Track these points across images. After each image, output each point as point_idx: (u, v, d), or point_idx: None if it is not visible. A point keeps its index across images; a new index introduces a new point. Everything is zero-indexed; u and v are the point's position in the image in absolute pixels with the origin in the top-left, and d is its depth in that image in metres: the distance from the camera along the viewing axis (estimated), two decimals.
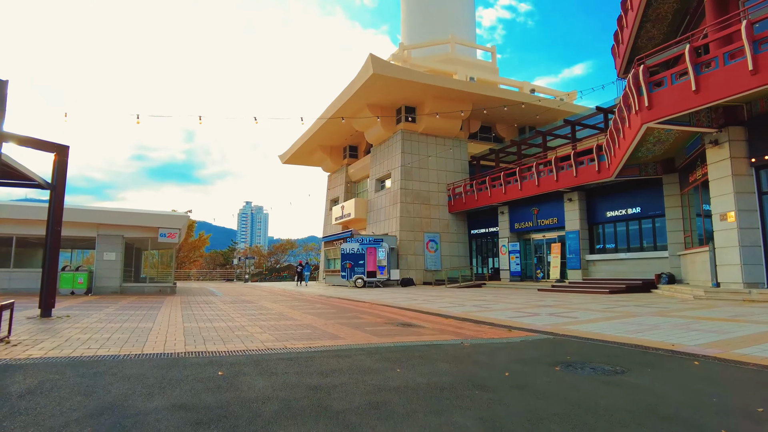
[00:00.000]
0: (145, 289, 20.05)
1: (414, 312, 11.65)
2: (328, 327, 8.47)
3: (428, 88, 28.93)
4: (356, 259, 26.79)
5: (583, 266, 23.31)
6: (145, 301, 15.09)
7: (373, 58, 27.37)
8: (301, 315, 10.86)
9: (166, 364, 5.01)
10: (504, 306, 13.09)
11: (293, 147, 44.25)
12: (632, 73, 14.15)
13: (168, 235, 19.50)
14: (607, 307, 12.34)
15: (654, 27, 18.52)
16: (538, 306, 12.91)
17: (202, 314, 10.87)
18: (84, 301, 14.59)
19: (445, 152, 31.94)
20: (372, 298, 17.14)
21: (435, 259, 30.09)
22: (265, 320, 9.61)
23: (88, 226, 18.99)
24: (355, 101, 30.85)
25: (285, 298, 17.72)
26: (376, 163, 34.29)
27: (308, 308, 13.00)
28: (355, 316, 10.70)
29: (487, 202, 28.12)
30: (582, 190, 23.75)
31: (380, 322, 9.42)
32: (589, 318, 9.88)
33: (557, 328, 8.36)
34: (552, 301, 14.54)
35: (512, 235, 27.61)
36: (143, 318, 9.71)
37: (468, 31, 43.67)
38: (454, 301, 14.80)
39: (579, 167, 22.57)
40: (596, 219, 23.56)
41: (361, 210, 35.04)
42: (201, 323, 8.92)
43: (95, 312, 10.81)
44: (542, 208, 25.92)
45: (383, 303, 14.48)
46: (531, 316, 10.46)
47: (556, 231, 25.60)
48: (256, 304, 14.32)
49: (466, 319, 9.90)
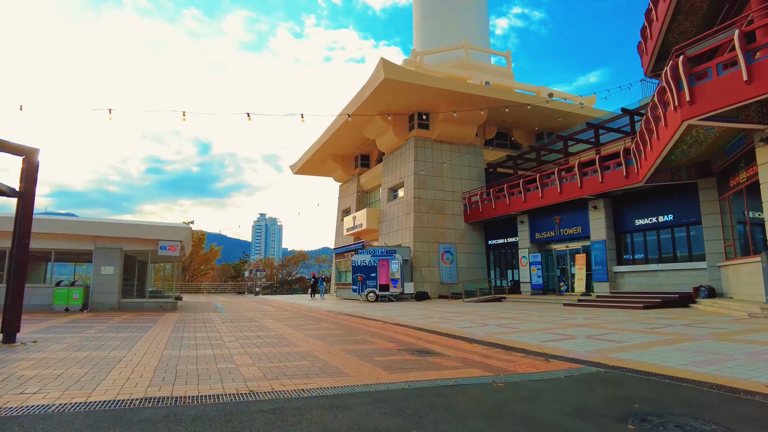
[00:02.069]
0: (145, 305, 18.96)
1: (431, 333, 10.31)
2: (331, 356, 7.19)
3: (442, 93, 27.74)
4: (368, 271, 25.50)
5: (611, 278, 21.73)
6: (140, 320, 13.95)
7: (384, 63, 26.30)
8: (302, 338, 9.58)
9: (106, 421, 3.77)
10: (532, 326, 11.67)
11: (304, 157, 43.30)
12: (670, 65, 12.78)
13: (168, 248, 18.44)
14: (649, 326, 10.87)
15: (687, 19, 17.11)
16: (571, 325, 11.48)
17: (191, 337, 9.65)
18: (71, 320, 13.49)
19: (460, 159, 30.63)
20: (384, 314, 15.82)
21: (451, 271, 28.66)
22: (259, 346, 8.35)
23: (85, 239, 18.01)
24: (366, 108, 29.75)
25: (290, 315, 16.48)
26: (388, 171, 33.10)
27: (313, 328, 11.73)
28: (364, 339, 9.39)
29: (505, 211, 26.69)
30: (608, 197, 22.25)
31: (393, 348, 8.10)
32: (635, 342, 8.45)
33: (603, 356, 6.98)
34: (584, 319, 13.08)
35: (533, 246, 26.10)
36: (122, 343, 8.53)
37: (482, 37, 42.54)
38: (475, 320, 13.41)
39: (605, 172, 21.11)
40: (624, 228, 22.00)
41: (373, 220, 33.80)
42: (184, 350, 7.69)
43: (72, 335, 9.66)
44: (565, 217, 24.42)
45: (397, 321, 13.15)
46: (567, 339, 9.06)
47: (580, 241, 24.06)
48: (257, 323, 13.09)
49: (493, 344, 8.53)
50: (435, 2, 42.57)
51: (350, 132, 34.48)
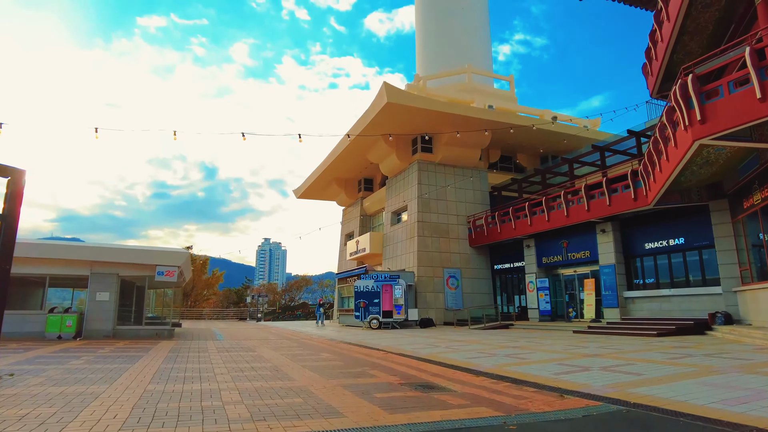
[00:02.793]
0: (141, 333, 18.39)
1: (437, 365, 9.72)
2: (327, 392, 6.64)
3: (445, 117, 27.57)
4: (371, 297, 24.87)
5: (621, 304, 21.04)
6: (132, 348, 13.40)
7: (387, 87, 26.24)
8: (299, 370, 9.02)
9: None
10: (542, 355, 11.05)
11: (307, 181, 43.14)
12: (679, 84, 12.45)
13: (166, 273, 17.98)
14: (667, 355, 10.24)
15: (692, 40, 16.88)
16: (584, 355, 10.85)
17: (181, 368, 9.11)
18: (61, 349, 12.96)
19: (464, 183, 30.28)
20: (388, 343, 15.19)
21: (456, 296, 27.98)
22: (252, 379, 7.81)
23: (80, 264, 17.59)
24: (369, 131, 29.62)
25: (290, 344, 15.87)
26: (391, 195, 32.76)
27: (311, 359, 11.15)
28: (364, 372, 8.82)
29: (511, 234, 26.16)
30: (616, 220, 21.75)
31: (395, 382, 7.54)
32: (655, 374, 7.85)
33: (623, 391, 6.40)
34: (596, 348, 12.43)
35: (540, 271, 25.47)
36: (106, 376, 8.00)
37: (484, 62, 42.70)
38: (482, 349, 12.79)
39: (612, 195, 20.65)
40: (633, 251, 21.42)
41: (377, 244, 33.30)
42: (170, 384, 7.16)
43: (55, 366, 9.14)
44: (572, 241, 23.86)
45: (400, 351, 12.54)
46: (581, 371, 8.47)
47: (588, 265, 23.45)
48: (254, 353, 12.51)
49: (503, 377, 7.95)
50: (438, 27, 42.94)
51: (353, 156, 34.33)
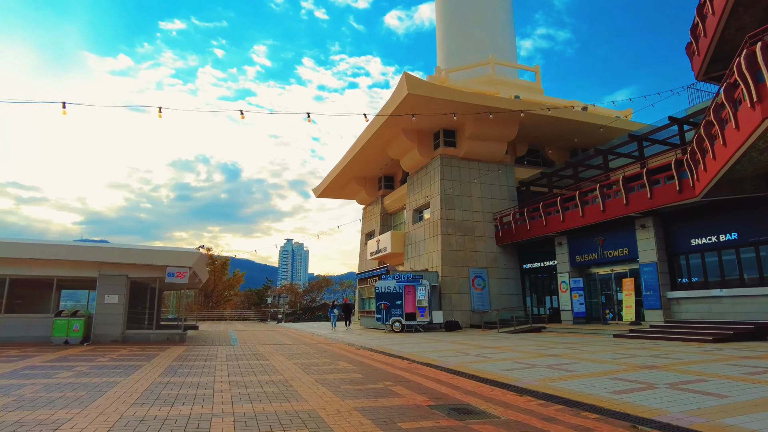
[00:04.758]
0: (151, 337, 17.50)
1: (470, 379, 8.40)
2: (340, 421, 5.41)
3: (468, 108, 26.12)
4: (393, 299, 23.62)
5: (664, 305, 19.34)
6: (136, 356, 12.43)
7: (407, 77, 24.97)
8: (311, 386, 7.82)
9: None
10: (589, 367, 9.63)
11: (327, 179, 42.16)
12: (744, 55, 10.87)
13: (176, 275, 17.05)
14: (741, 369, 8.72)
15: (747, 12, 15.16)
16: (638, 366, 9.39)
17: (178, 384, 8.01)
18: (59, 357, 12.05)
19: (490, 178, 28.77)
20: (412, 349, 13.92)
21: (483, 298, 26.51)
22: (254, 400, 6.63)
23: (88, 266, 16.77)
24: (389, 126, 28.40)
25: (306, 350, 14.74)
26: (413, 192, 31.45)
27: (327, 370, 9.95)
28: (386, 388, 7.57)
29: (541, 232, 24.60)
30: (657, 215, 20.04)
31: (422, 405, 6.28)
32: (743, 396, 6.40)
33: (714, 422, 5.02)
34: (649, 357, 10.94)
35: (573, 270, 23.84)
36: (87, 393, 6.93)
37: (508, 53, 41.06)
38: (518, 357, 11.42)
39: (654, 187, 18.99)
40: (677, 248, 19.68)
41: (398, 244, 32.02)
42: (156, 407, 6.04)
43: (38, 380, 8.13)
44: (609, 238, 22.19)
45: (426, 360, 11.25)
46: (643, 388, 7.07)
47: (626, 264, 21.75)
48: (265, 362, 11.39)
49: (552, 397, 6.61)
50: (459, 19, 41.48)
51: (373, 152, 33.15)
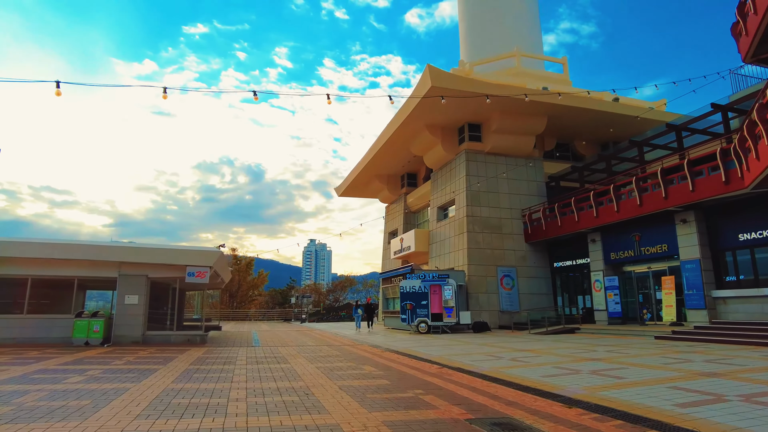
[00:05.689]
0: (172, 338, 17.14)
1: (508, 387, 7.61)
2: None
3: (495, 101, 25.15)
4: (418, 299, 22.85)
5: (709, 305, 18.10)
6: (153, 358, 11.99)
7: (431, 70, 24.16)
8: (334, 394, 7.14)
9: None
10: (640, 373, 8.72)
11: (349, 178, 41.63)
12: None
13: (197, 274, 16.65)
14: None
15: None
16: (696, 373, 8.44)
17: (191, 391, 7.43)
18: (75, 359, 11.67)
19: (517, 173, 27.74)
20: (440, 352, 13.15)
21: (512, 297, 25.52)
22: (271, 411, 5.99)
23: (108, 266, 16.50)
24: (412, 122, 27.64)
25: (329, 352, 14.11)
26: (437, 189, 30.61)
27: (351, 375, 9.27)
28: (416, 398, 6.85)
29: (573, 228, 23.50)
30: (699, 209, 18.80)
31: (458, 417, 5.53)
32: None
33: None
34: (704, 363, 9.94)
35: (607, 268, 22.68)
36: (91, 402, 6.40)
37: (534, 45, 39.79)
38: (557, 362, 10.55)
39: (696, 179, 17.80)
40: (723, 244, 18.41)
41: (422, 242, 31.22)
42: (162, 420, 5.44)
43: (44, 385, 7.66)
44: (646, 233, 21.00)
45: (458, 365, 10.48)
46: (711, 400, 6.18)
47: (665, 261, 20.53)
48: (286, 366, 10.78)
49: (606, 410, 5.79)
50: (483, 11, 40.42)
51: (395, 149, 32.43)
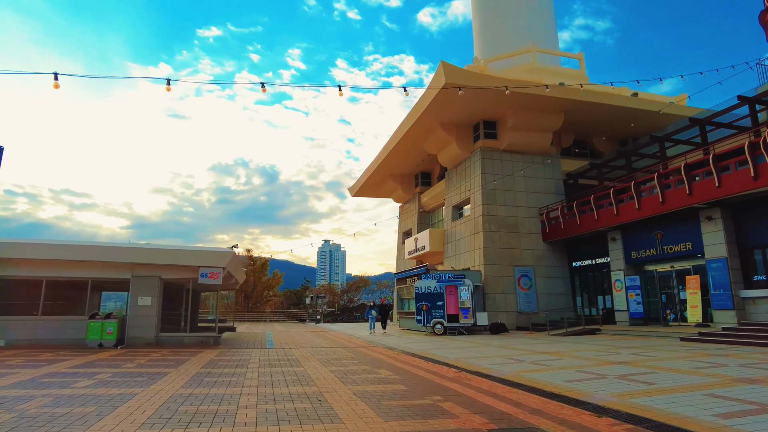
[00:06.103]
0: (185, 340, 17.00)
1: (531, 393, 7.21)
2: None
3: (510, 98, 24.65)
4: (434, 299, 22.46)
5: (737, 305, 17.42)
6: (165, 361, 11.80)
7: (445, 66, 23.75)
8: (348, 401, 6.82)
9: None
10: (671, 377, 8.24)
11: (362, 178, 41.38)
12: None
13: (210, 275, 16.49)
14: None
15: None
16: (732, 379, 7.94)
17: (200, 397, 7.17)
18: (86, 362, 11.53)
19: (534, 171, 27.17)
20: (458, 355, 12.76)
21: (530, 298, 24.98)
22: (282, 420, 5.68)
23: (121, 268, 16.42)
24: (426, 120, 27.23)
25: (344, 354, 13.81)
26: (451, 188, 30.16)
27: (366, 379, 8.94)
28: (434, 405, 6.49)
29: (593, 226, 22.89)
30: (725, 206, 18.13)
31: (481, 427, 5.16)
32: None
33: None
34: (740, 367, 9.41)
35: (628, 267, 22.04)
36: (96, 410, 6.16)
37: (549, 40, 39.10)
38: (581, 365, 10.09)
39: (723, 174, 17.15)
40: (751, 242, 17.71)
41: (437, 242, 30.80)
42: (168, 428, 5.17)
43: (52, 390, 7.46)
44: (668, 231, 20.33)
45: (476, 369, 10.09)
46: (758, 411, 5.71)
47: (689, 260, 19.86)
48: (299, 369, 10.50)
49: (642, 420, 5.37)
50: (496, 7, 39.83)
51: (409, 148, 32.06)
